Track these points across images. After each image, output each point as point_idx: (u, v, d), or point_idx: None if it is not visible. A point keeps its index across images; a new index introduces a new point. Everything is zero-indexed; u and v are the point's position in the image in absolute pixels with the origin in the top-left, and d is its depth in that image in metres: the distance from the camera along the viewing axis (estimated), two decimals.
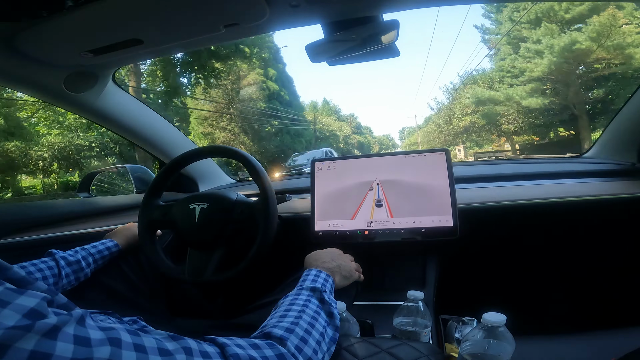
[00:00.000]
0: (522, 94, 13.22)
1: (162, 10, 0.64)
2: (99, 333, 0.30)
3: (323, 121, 28.49)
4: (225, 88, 15.10)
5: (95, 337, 0.29)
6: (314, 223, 1.05)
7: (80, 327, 0.29)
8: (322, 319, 0.53)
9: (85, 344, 0.28)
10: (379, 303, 0.95)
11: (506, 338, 0.52)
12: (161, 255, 0.86)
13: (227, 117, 15.80)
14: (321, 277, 0.64)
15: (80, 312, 0.30)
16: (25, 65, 0.77)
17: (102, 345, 0.29)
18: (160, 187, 0.94)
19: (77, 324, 0.29)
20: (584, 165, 1.16)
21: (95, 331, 0.30)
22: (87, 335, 0.29)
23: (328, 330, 0.52)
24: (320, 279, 0.64)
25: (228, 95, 15.45)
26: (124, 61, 0.92)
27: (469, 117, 17.45)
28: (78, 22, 0.64)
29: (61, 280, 0.73)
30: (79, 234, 0.98)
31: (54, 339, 0.26)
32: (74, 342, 0.27)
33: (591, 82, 12.37)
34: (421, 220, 0.98)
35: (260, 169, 0.84)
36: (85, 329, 0.29)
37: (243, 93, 15.92)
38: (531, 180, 1.09)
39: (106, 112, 1.04)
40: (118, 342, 0.30)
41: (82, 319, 0.30)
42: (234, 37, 0.82)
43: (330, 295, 0.61)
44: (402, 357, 0.53)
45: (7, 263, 0.31)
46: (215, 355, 0.37)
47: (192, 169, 1.38)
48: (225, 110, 15.65)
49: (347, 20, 0.77)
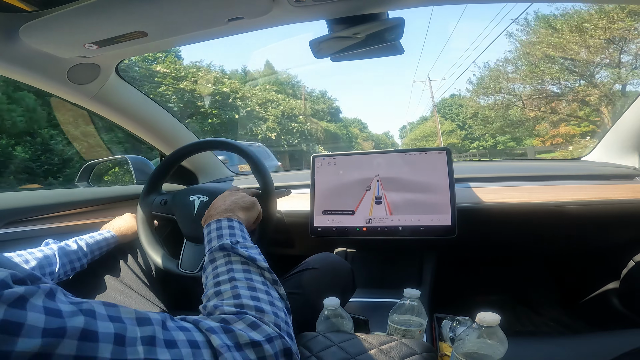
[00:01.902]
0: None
1: (167, 2, 0.64)
2: (69, 306, 0.29)
3: (257, 95, 18.20)
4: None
5: (66, 310, 0.29)
6: (313, 218, 1.06)
7: (49, 300, 0.29)
8: (257, 277, 0.49)
9: (56, 315, 0.28)
10: (375, 300, 0.96)
11: (500, 338, 0.52)
12: (158, 246, 0.87)
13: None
14: (224, 227, 0.59)
15: (49, 286, 0.30)
16: (30, 56, 0.77)
17: (74, 315, 0.29)
18: (159, 179, 0.95)
19: (46, 296, 0.29)
20: (584, 168, 1.16)
21: (66, 305, 0.29)
22: (58, 308, 0.28)
23: (270, 289, 0.49)
24: (224, 230, 0.58)
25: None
26: (128, 53, 0.91)
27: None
28: (82, 14, 0.63)
29: (57, 269, 0.73)
30: (76, 225, 0.99)
31: (22, 308, 0.26)
32: (44, 312, 0.27)
33: None
34: (420, 218, 0.98)
35: (261, 162, 0.85)
36: (54, 302, 0.29)
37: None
38: (531, 182, 1.10)
39: (109, 103, 1.04)
40: (92, 313, 0.30)
41: (51, 292, 0.29)
42: (238, 31, 0.81)
43: (247, 242, 0.56)
44: (396, 354, 0.54)
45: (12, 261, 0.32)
46: (193, 328, 0.37)
47: (192, 162, 1.38)
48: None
49: (352, 16, 0.77)
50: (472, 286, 1.44)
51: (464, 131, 25.10)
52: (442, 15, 48.43)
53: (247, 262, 0.51)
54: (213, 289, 0.47)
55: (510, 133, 17.67)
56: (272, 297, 0.47)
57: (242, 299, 0.44)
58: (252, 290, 0.46)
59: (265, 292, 0.47)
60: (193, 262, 0.83)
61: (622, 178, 1.06)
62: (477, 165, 1.61)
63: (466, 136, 24.95)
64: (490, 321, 0.52)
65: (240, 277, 0.48)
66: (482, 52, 18.12)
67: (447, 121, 26.77)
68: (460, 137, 25.26)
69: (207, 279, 0.50)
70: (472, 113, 19.90)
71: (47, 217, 0.93)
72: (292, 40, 26.47)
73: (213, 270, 0.50)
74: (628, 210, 0.98)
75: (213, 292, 0.46)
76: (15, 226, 0.86)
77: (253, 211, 0.71)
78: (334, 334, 0.61)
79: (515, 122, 15.53)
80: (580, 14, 10.99)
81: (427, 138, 28.11)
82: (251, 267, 0.51)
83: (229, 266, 0.50)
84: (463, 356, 0.53)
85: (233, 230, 0.59)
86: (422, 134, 29.48)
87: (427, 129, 29.06)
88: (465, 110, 22.12)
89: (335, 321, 0.66)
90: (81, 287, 0.81)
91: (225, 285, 0.46)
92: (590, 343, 0.76)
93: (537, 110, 13.88)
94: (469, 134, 24.50)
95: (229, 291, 0.45)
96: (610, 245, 1.15)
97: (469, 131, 23.91)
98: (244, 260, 0.51)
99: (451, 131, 25.81)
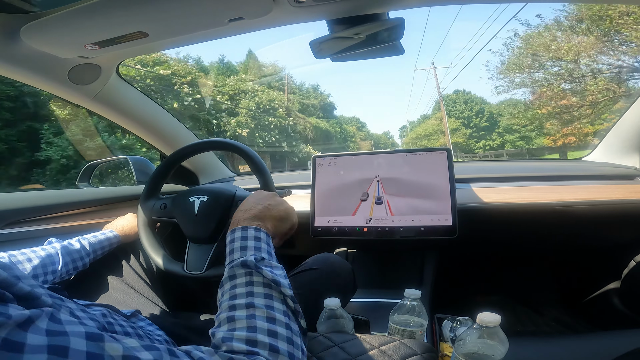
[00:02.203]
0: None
1: (168, 3, 0.64)
2: (40, 338, 0.26)
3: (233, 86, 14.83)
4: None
5: (32, 343, 0.25)
6: (314, 219, 1.06)
7: (19, 332, 0.25)
8: (278, 305, 0.44)
9: (15, 349, 0.24)
10: (376, 300, 0.96)
11: (500, 338, 0.52)
12: (160, 248, 0.87)
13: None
14: (250, 237, 0.53)
15: (27, 314, 0.27)
16: (31, 56, 0.77)
17: (37, 352, 0.25)
18: (160, 180, 0.95)
19: (18, 326, 0.25)
20: (585, 168, 1.16)
21: (36, 337, 0.26)
22: (23, 340, 0.25)
23: (291, 321, 0.44)
24: (249, 241, 0.52)
25: None
26: (129, 54, 0.92)
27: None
28: (83, 15, 0.64)
29: (60, 268, 0.73)
30: (77, 225, 0.99)
31: None
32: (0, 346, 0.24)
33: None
34: (420, 218, 0.98)
35: (261, 162, 0.85)
36: (23, 334, 0.25)
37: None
38: (532, 182, 1.09)
39: (110, 103, 1.04)
40: (63, 351, 0.26)
41: (27, 321, 0.26)
42: (239, 31, 0.82)
43: (272, 261, 0.51)
44: (396, 355, 0.54)
45: (11, 280, 0.30)
46: None
47: (193, 162, 1.38)
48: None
49: (352, 17, 0.77)
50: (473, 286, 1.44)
51: (469, 129, 23.97)
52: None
53: (270, 285, 0.46)
54: (227, 313, 0.42)
55: (519, 131, 16.84)
56: (292, 331, 0.42)
57: (257, 335, 0.39)
58: (271, 322, 0.41)
59: (285, 326, 0.42)
60: (198, 263, 0.83)
61: (623, 178, 1.06)
62: (477, 165, 1.61)
63: (471, 135, 23.80)
64: (491, 321, 0.52)
65: (260, 305, 0.43)
66: (495, 34, 16.49)
67: (451, 118, 24.91)
68: (465, 136, 24.05)
69: (223, 297, 0.46)
70: (479, 110, 19.10)
71: (48, 218, 0.93)
72: (290, 42, 24.52)
73: (231, 289, 0.46)
74: (629, 211, 0.98)
75: (226, 317, 0.42)
76: (17, 227, 0.86)
77: (286, 223, 0.63)
78: (334, 334, 0.61)
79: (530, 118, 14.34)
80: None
81: (430, 137, 26.31)
82: (274, 293, 0.45)
83: (249, 288, 0.45)
84: (464, 356, 0.53)
85: (259, 243, 0.53)
86: (424, 133, 27.58)
87: (430, 127, 27.30)
88: (472, 106, 21.20)
89: (335, 322, 0.66)
90: (83, 286, 0.81)
91: (241, 312, 0.42)
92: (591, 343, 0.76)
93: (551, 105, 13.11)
94: (474, 132, 23.46)
95: (244, 320, 0.41)
96: (612, 245, 1.15)
97: (474, 130, 22.90)
98: (267, 283, 0.46)
99: (455, 129, 24.37)
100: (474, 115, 23.32)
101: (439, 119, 24.00)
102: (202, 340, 0.66)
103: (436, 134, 25.64)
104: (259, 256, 0.50)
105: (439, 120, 24.17)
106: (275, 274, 0.47)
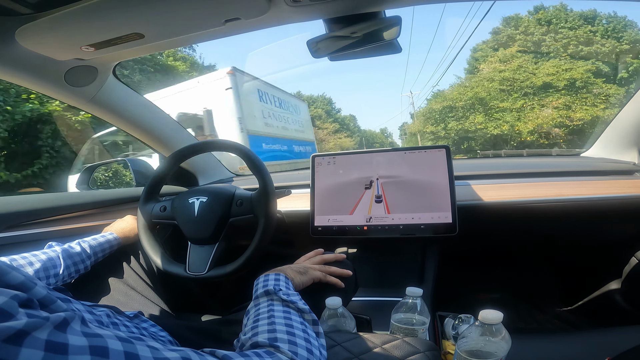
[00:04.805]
0: None
1: (164, 4, 0.64)
2: (80, 339, 0.26)
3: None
4: None
5: (74, 344, 0.26)
6: (314, 218, 1.06)
7: (58, 333, 0.26)
8: (295, 317, 0.51)
9: (59, 350, 0.25)
10: (378, 299, 0.96)
11: (503, 335, 0.52)
12: (160, 250, 0.87)
13: None
14: (270, 279, 0.61)
15: (62, 316, 0.27)
16: (27, 59, 0.76)
17: (80, 353, 0.25)
18: (159, 181, 0.94)
19: (55, 328, 0.26)
20: (584, 164, 1.16)
21: (77, 337, 0.26)
22: (65, 342, 0.25)
23: (308, 328, 0.50)
24: (270, 281, 0.60)
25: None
26: (125, 55, 0.91)
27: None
28: (79, 16, 0.63)
29: (62, 271, 0.73)
30: (77, 228, 0.98)
31: (18, 345, 0.23)
32: (44, 349, 0.24)
33: None
34: (420, 216, 0.98)
35: (260, 162, 0.84)
36: (64, 335, 0.26)
37: None
38: (531, 178, 1.09)
39: (107, 105, 1.03)
40: (103, 351, 0.27)
41: (63, 322, 0.27)
42: (235, 32, 0.81)
43: (289, 291, 0.58)
44: (399, 353, 0.54)
45: (7, 267, 0.30)
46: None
47: (192, 163, 1.38)
48: None
49: (349, 16, 0.76)
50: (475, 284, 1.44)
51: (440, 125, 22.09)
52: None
53: (287, 303, 0.53)
54: (251, 325, 0.48)
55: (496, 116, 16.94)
56: (309, 335, 0.48)
57: (277, 333, 0.45)
58: (289, 326, 0.47)
59: (302, 330, 0.48)
60: (199, 264, 0.83)
61: (621, 174, 1.06)
62: (476, 162, 1.61)
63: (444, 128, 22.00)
64: (493, 319, 0.52)
65: (279, 315, 0.50)
66: (463, 45, 16.67)
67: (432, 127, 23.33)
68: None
69: (248, 320, 0.52)
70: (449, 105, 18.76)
71: (47, 221, 0.93)
72: (287, 42, 24.00)
73: (255, 312, 0.52)
74: (628, 206, 0.98)
75: (250, 328, 0.48)
76: (16, 230, 0.85)
77: (304, 276, 0.70)
78: (336, 333, 0.61)
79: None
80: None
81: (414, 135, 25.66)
82: (291, 308, 0.53)
83: (270, 307, 0.52)
84: (466, 354, 0.53)
85: (278, 282, 0.60)
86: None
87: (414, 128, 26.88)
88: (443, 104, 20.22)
89: (337, 321, 0.66)
90: (85, 289, 0.80)
91: (263, 322, 0.48)
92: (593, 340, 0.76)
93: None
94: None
95: (266, 326, 0.47)
96: (612, 241, 1.15)
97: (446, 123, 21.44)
98: (285, 302, 0.54)
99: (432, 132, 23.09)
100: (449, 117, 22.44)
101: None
102: (204, 341, 0.65)
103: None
104: (278, 287, 0.58)
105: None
106: (291, 297, 0.55)
